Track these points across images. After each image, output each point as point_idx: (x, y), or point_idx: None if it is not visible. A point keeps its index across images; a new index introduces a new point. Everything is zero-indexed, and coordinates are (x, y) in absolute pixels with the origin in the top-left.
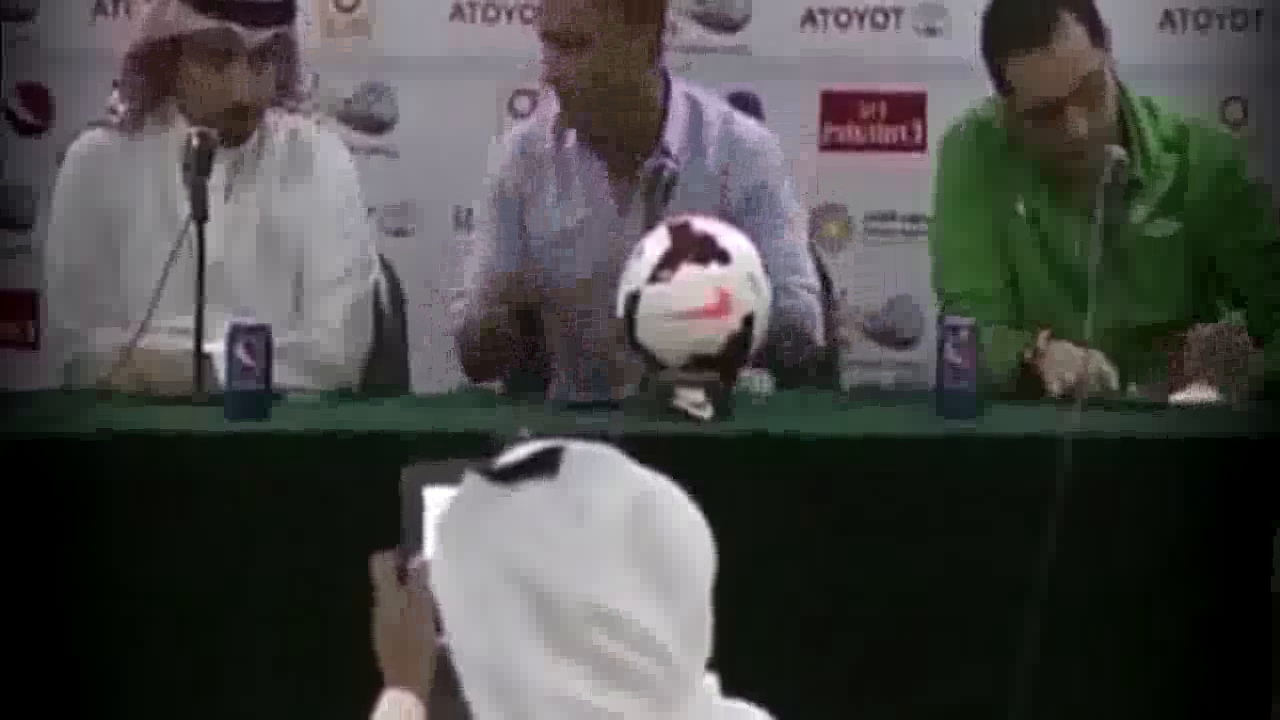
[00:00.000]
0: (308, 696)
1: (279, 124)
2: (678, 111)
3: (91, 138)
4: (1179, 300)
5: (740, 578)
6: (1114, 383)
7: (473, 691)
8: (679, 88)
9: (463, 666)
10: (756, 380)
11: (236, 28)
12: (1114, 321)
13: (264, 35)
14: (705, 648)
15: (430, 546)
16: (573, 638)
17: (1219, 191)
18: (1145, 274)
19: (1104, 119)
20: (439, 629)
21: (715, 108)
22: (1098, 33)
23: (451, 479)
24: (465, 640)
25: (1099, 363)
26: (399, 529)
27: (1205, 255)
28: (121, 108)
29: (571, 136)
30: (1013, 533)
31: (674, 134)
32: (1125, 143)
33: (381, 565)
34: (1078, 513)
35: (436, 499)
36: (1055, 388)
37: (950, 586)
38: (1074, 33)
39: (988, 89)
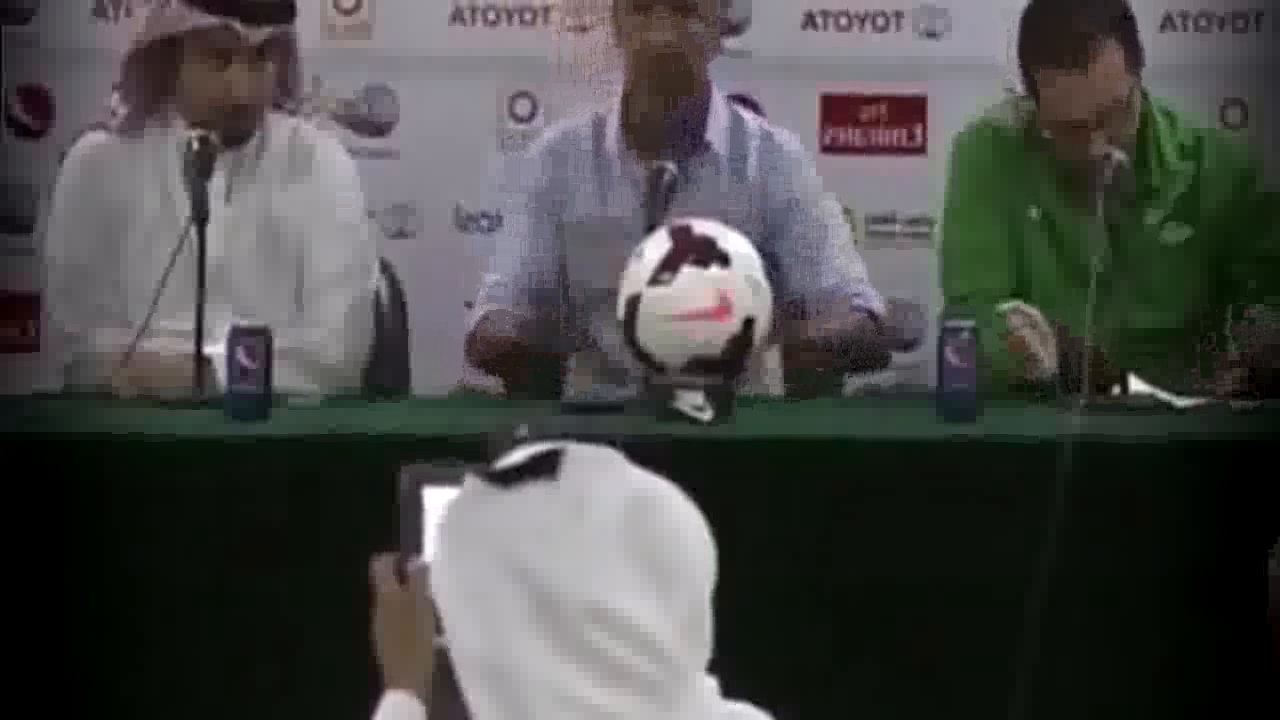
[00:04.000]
0: (309, 698)
1: (280, 125)
2: (719, 112)
3: (91, 140)
4: (1189, 305)
5: (740, 579)
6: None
7: (472, 691)
8: (718, 90)
9: (462, 666)
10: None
11: (237, 25)
12: (1117, 323)
13: (264, 33)
14: (705, 647)
15: (430, 547)
16: (572, 637)
17: (1234, 199)
18: (1157, 278)
19: (1124, 133)
20: (439, 630)
21: (750, 115)
22: (1134, 57)
23: (451, 480)
24: (465, 639)
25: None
26: (398, 530)
27: (1218, 261)
28: (121, 110)
29: (612, 134)
30: (1013, 535)
31: (716, 134)
32: (1142, 149)
33: (381, 567)
34: (1078, 515)
35: (436, 500)
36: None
37: (951, 588)
38: (1112, 59)
39: (989, 90)
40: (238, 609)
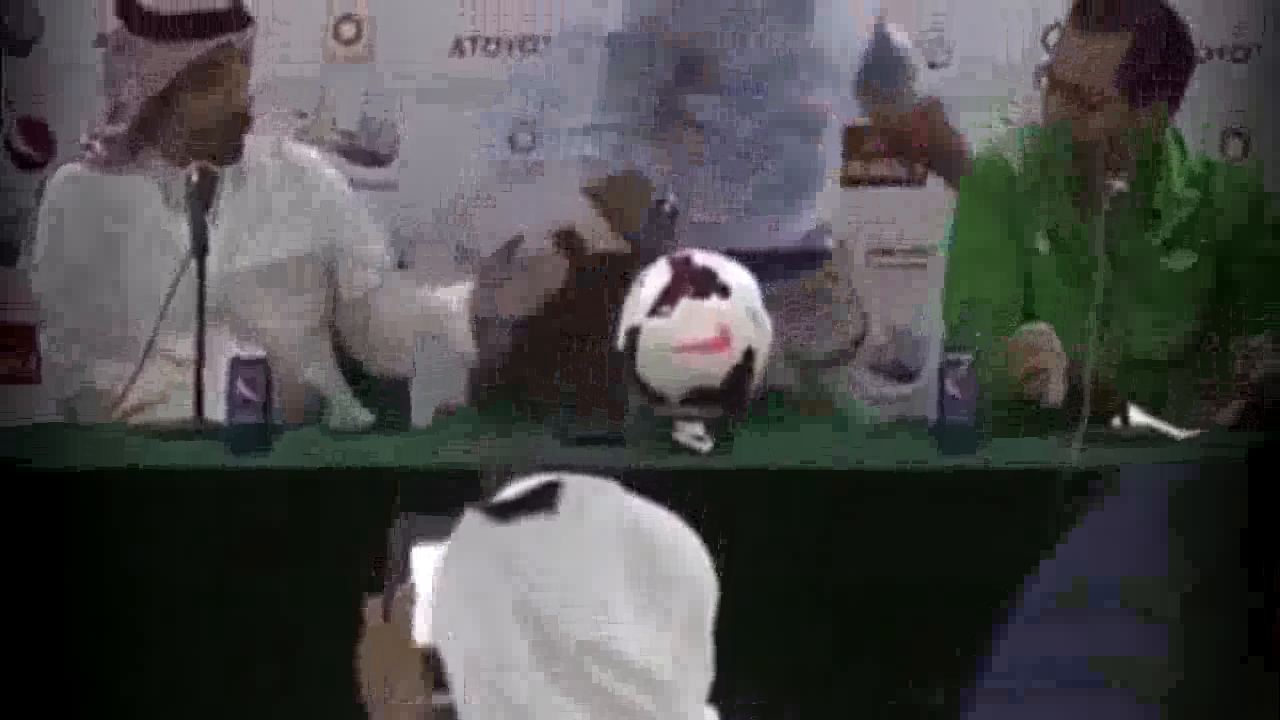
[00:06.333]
0: (309, 698)
1: (258, 140)
2: None
3: (72, 171)
4: (1190, 330)
5: (740, 609)
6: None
7: None
8: None
9: (461, 703)
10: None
11: (232, 38)
12: (1121, 351)
13: (249, 35)
14: (706, 679)
15: (423, 584)
16: (570, 671)
17: (1238, 228)
18: (1162, 306)
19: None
20: (433, 683)
21: None
22: (1141, 88)
23: (442, 534)
24: (465, 674)
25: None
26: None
27: (1221, 289)
28: (98, 146)
29: None
30: (1013, 566)
31: None
32: (1153, 173)
33: (372, 610)
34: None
35: (423, 560)
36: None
37: (951, 618)
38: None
39: (992, 122)
40: (238, 609)
